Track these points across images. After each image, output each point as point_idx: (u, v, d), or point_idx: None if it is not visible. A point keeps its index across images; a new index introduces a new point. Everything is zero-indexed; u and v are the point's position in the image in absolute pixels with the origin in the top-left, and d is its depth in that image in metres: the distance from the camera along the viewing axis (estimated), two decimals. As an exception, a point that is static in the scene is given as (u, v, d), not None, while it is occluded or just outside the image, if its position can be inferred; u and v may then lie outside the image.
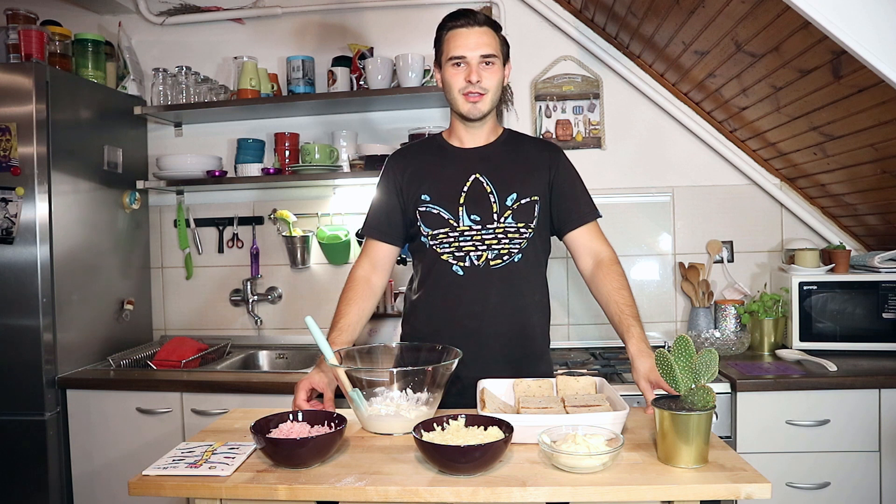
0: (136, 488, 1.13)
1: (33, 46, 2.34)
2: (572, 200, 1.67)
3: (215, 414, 2.21)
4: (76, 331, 2.39)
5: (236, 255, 2.90)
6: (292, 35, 2.85)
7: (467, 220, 1.60)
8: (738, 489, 1.05)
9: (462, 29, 1.58)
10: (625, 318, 1.52)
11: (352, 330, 1.60)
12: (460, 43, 1.57)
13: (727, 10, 1.87)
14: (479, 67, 1.57)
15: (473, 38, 1.57)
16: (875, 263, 2.31)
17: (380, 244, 1.70)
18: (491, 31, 1.60)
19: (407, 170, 1.69)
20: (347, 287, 1.66)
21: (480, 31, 1.57)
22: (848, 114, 1.93)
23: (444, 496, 1.07)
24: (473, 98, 1.58)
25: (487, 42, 1.58)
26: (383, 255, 1.70)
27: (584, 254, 1.66)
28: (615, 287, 1.57)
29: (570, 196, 1.67)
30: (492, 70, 1.59)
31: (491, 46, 1.58)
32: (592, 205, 1.69)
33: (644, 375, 1.42)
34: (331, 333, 1.57)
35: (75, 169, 2.41)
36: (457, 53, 1.57)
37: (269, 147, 2.84)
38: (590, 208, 1.68)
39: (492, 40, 1.59)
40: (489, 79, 1.58)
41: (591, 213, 1.68)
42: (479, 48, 1.57)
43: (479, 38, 1.57)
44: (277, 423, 1.27)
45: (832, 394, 2.02)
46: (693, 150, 2.69)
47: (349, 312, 1.61)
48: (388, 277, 1.74)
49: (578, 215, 1.66)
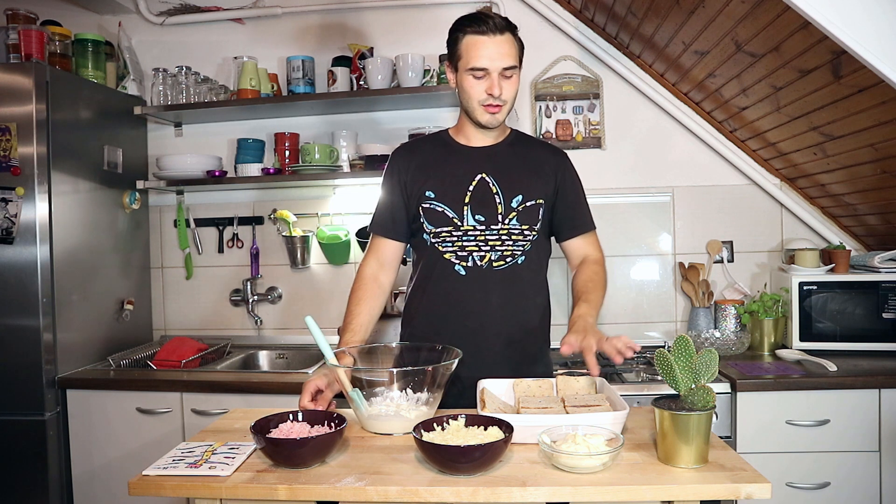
0: (136, 488, 1.13)
1: (33, 46, 2.34)
2: (575, 209, 1.70)
3: (215, 414, 2.21)
4: (76, 331, 2.39)
5: (236, 255, 2.90)
6: (292, 35, 2.85)
7: (472, 219, 1.59)
8: (738, 489, 1.06)
9: (483, 37, 1.51)
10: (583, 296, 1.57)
11: (364, 330, 1.61)
12: (483, 53, 1.51)
13: (727, 10, 1.87)
14: (501, 80, 1.53)
15: (496, 49, 1.51)
16: (875, 263, 2.31)
17: (386, 241, 1.70)
18: (511, 38, 1.54)
19: (411, 164, 1.67)
20: (356, 287, 1.66)
21: (502, 40, 1.52)
22: (848, 114, 1.93)
23: (444, 496, 1.07)
24: (493, 110, 1.56)
25: (508, 52, 1.53)
26: (390, 252, 1.70)
27: (577, 258, 1.72)
28: (588, 277, 1.63)
29: (573, 204, 1.70)
30: (512, 81, 1.56)
31: (512, 56, 1.53)
32: (591, 216, 1.74)
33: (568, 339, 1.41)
34: (344, 335, 1.58)
35: (75, 169, 2.41)
36: (479, 65, 1.52)
37: (269, 147, 2.84)
38: (589, 220, 1.73)
39: (512, 49, 1.54)
40: (508, 90, 1.56)
41: (590, 224, 1.73)
42: (503, 59, 1.52)
43: (501, 47, 1.51)
44: (277, 423, 1.27)
45: (832, 394, 2.02)
46: (693, 150, 2.69)
47: (361, 312, 1.61)
48: (395, 275, 1.74)
49: (580, 224, 1.71)
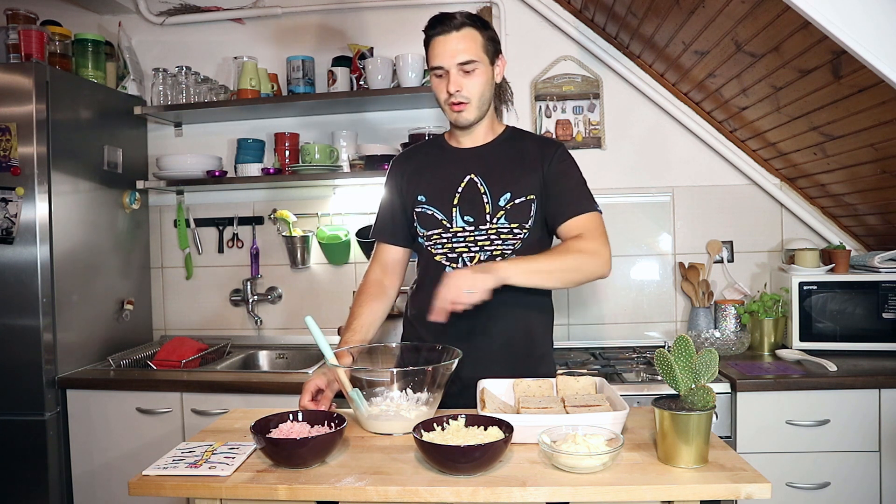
0: (136, 488, 1.13)
1: (33, 46, 2.34)
2: (563, 196, 1.57)
3: (215, 414, 2.21)
4: (76, 331, 2.39)
5: (236, 255, 2.90)
6: (292, 35, 2.85)
7: (461, 221, 1.59)
8: (738, 489, 1.05)
9: (439, 37, 1.52)
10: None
11: (364, 330, 1.61)
12: (438, 52, 1.52)
13: (727, 10, 1.87)
14: (458, 76, 1.52)
15: (450, 46, 1.50)
16: (875, 263, 2.31)
17: (388, 247, 1.72)
18: (471, 33, 1.51)
19: (407, 170, 1.69)
20: (360, 290, 1.70)
21: (458, 37, 1.50)
22: (848, 114, 1.93)
23: (444, 496, 1.07)
24: (457, 108, 1.55)
25: (465, 48, 1.50)
26: (393, 257, 1.72)
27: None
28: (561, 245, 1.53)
29: (562, 191, 1.58)
30: (473, 76, 1.53)
31: (469, 51, 1.51)
32: (586, 199, 1.57)
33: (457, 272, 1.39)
34: (344, 334, 1.60)
35: (75, 169, 2.41)
36: (435, 63, 1.53)
37: (269, 147, 2.84)
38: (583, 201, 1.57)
39: (470, 44, 1.51)
40: (471, 86, 1.53)
41: (581, 205, 1.56)
42: (456, 56, 1.50)
43: (456, 44, 1.50)
44: (277, 423, 1.27)
45: (832, 394, 2.02)
46: (693, 150, 2.69)
47: (361, 313, 1.63)
48: (401, 280, 1.75)
49: (570, 209, 1.55)
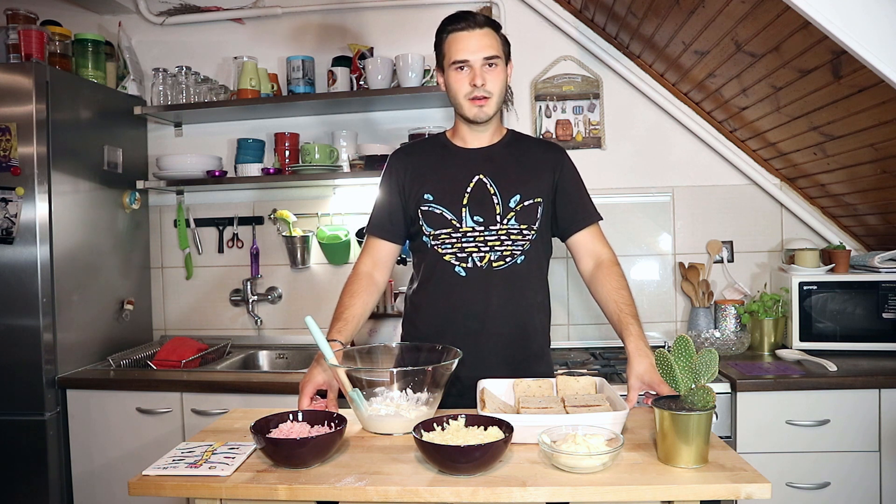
0: (136, 488, 1.13)
1: (33, 46, 2.34)
2: (576, 203, 1.67)
3: (215, 414, 2.21)
4: (76, 331, 2.39)
5: (236, 255, 2.90)
6: (292, 35, 2.85)
7: (470, 221, 1.60)
8: (738, 489, 1.05)
9: (463, 32, 1.56)
10: (624, 317, 1.52)
11: (356, 322, 1.60)
12: (462, 46, 1.55)
13: (727, 10, 1.87)
14: (483, 70, 1.56)
15: (475, 41, 1.55)
16: (875, 263, 2.31)
17: (382, 242, 1.71)
18: (492, 32, 1.58)
19: (409, 168, 1.68)
20: (350, 281, 1.67)
21: (482, 34, 1.56)
22: (848, 114, 1.93)
23: (444, 496, 1.07)
24: (479, 102, 1.57)
25: (489, 44, 1.56)
26: (385, 252, 1.71)
27: (585, 255, 1.67)
28: (614, 287, 1.58)
29: (574, 199, 1.67)
30: (495, 72, 1.58)
31: (493, 48, 1.56)
32: (594, 207, 1.70)
33: (638, 375, 1.42)
34: (335, 324, 1.57)
35: (75, 169, 2.41)
36: (459, 57, 1.56)
37: (269, 147, 2.84)
38: (592, 211, 1.69)
39: (493, 41, 1.57)
40: (493, 81, 1.57)
41: (593, 215, 1.68)
42: (482, 50, 1.55)
43: (481, 40, 1.55)
44: (277, 423, 1.27)
45: (832, 394, 2.02)
46: (693, 150, 2.69)
47: (354, 304, 1.61)
48: (390, 275, 1.75)
49: (582, 218, 1.67)
